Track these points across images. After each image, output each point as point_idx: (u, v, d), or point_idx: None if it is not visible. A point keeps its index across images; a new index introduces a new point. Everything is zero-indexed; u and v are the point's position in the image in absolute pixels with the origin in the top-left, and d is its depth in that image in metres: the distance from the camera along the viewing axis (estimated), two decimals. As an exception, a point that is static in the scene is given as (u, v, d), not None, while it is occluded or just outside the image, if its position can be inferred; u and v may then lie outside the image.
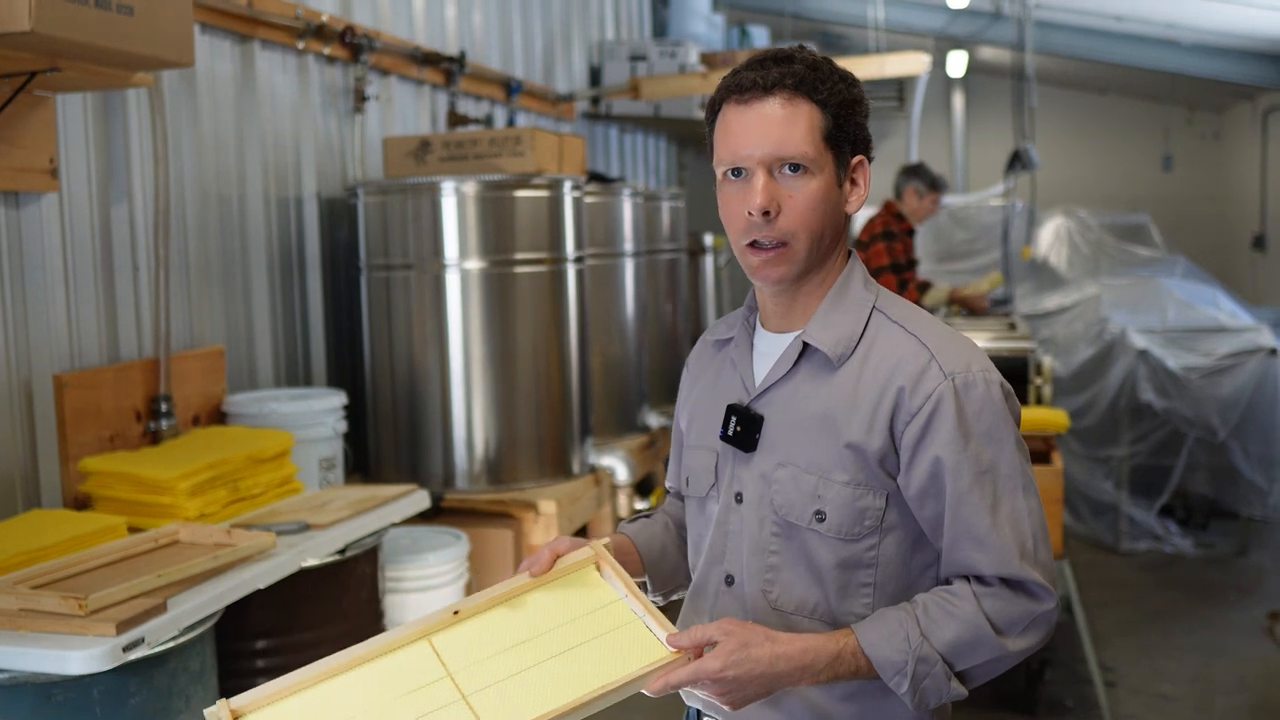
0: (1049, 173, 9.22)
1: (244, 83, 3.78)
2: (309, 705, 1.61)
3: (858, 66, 7.60)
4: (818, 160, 1.64)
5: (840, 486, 1.63)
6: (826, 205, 1.66)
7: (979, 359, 1.65)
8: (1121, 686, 4.73)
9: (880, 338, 1.66)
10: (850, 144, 1.68)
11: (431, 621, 1.70)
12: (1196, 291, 7.72)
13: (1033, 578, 1.59)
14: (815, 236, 1.65)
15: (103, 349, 3.17)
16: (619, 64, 6.91)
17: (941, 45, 10.21)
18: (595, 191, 4.72)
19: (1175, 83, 10.07)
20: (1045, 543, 1.63)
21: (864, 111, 1.70)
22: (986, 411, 1.61)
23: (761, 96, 1.64)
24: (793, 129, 1.63)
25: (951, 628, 1.58)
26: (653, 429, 5.00)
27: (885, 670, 1.57)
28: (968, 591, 1.60)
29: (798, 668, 1.56)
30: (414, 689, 1.62)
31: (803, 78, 1.64)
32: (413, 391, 3.90)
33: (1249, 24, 7.95)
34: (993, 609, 1.58)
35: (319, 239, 4.14)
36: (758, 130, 1.63)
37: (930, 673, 1.57)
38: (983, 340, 5.27)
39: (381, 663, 1.67)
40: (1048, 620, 1.61)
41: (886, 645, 1.57)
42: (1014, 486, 1.62)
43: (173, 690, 2.32)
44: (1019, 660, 1.63)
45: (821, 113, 1.64)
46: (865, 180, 1.71)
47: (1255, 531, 6.69)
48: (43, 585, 2.28)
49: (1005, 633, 1.59)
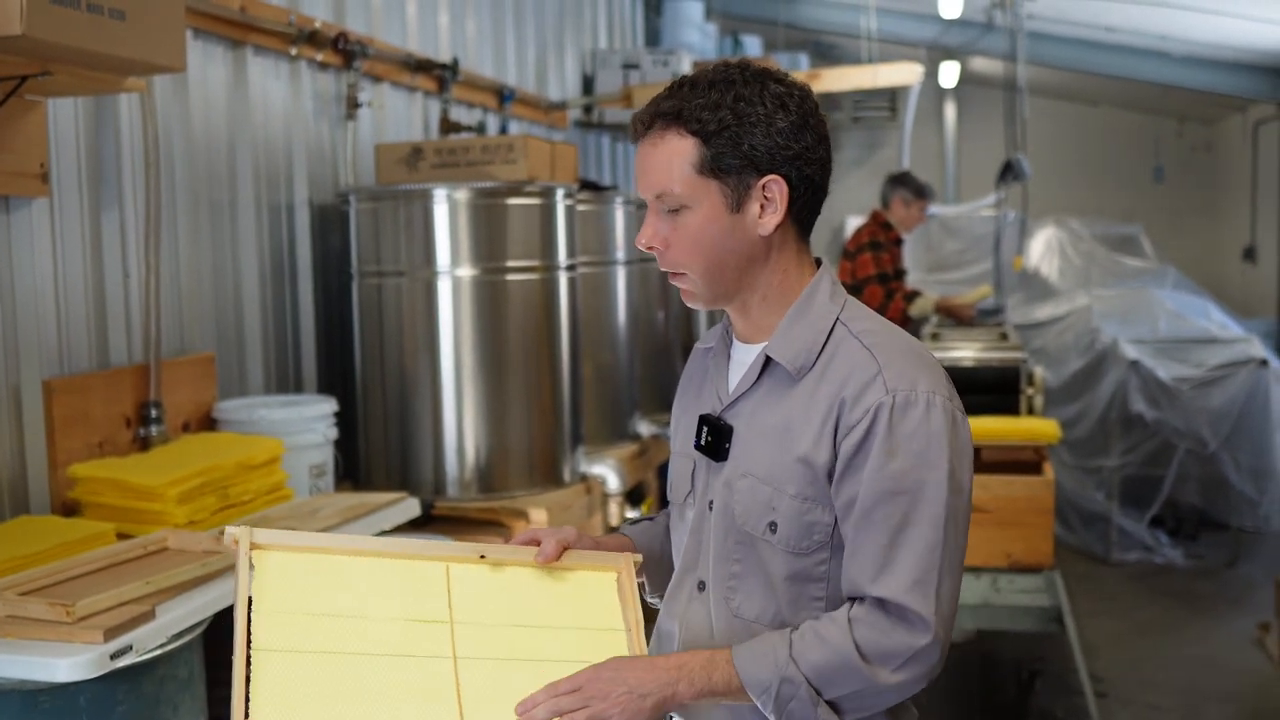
0: (1040, 183, 9.23)
1: (236, 88, 3.77)
2: (321, 571, 1.62)
3: (850, 77, 7.63)
4: (691, 195, 1.63)
5: (789, 499, 1.63)
6: (713, 236, 1.64)
7: (930, 380, 1.61)
8: (1112, 697, 4.73)
9: (839, 351, 1.65)
10: (750, 166, 1.62)
11: (457, 553, 1.72)
12: (1187, 303, 7.75)
13: (915, 608, 1.53)
14: (709, 267, 1.65)
15: (92, 354, 3.16)
16: (612, 72, 6.91)
17: (934, 55, 10.23)
18: (587, 200, 4.71)
19: (1166, 94, 10.10)
20: (949, 586, 1.57)
21: (782, 128, 1.62)
22: (920, 434, 1.56)
23: (642, 135, 1.66)
24: (659, 166, 1.64)
25: (819, 652, 1.54)
26: (644, 437, 4.99)
27: (753, 688, 1.55)
28: (843, 617, 1.56)
29: (672, 666, 1.57)
30: (415, 618, 1.62)
31: (677, 112, 1.62)
32: (404, 399, 3.89)
33: (1240, 36, 7.98)
34: (864, 638, 1.54)
35: (310, 245, 4.13)
36: (640, 169, 1.67)
37: (795, 695, 1.54)
38: (974, 350, 5.28)
39: (399, 565, 1.67)
40: (928, 658, 1.54)
41: (756, 664, 1.56)
42: (931, 517, 1.56)
43: (160, 698, 2.31)
44: (900, 696, 1.58)
45: (696, 143, 1.61)
46: (782, 197, 1.64)
47: (1245, 543, 6.71)
48: (30, 592, 2.27)
49: (875, 663, 1.53)
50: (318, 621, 1.57)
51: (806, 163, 1.65)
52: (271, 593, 1.58)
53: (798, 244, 1.72)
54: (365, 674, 1.55)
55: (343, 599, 1.60)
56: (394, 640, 1.59)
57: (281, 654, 1.53)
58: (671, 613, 1.80)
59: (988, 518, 4.25)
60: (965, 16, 8.61)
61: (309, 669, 1.53)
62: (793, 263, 1.71)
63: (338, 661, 1.55)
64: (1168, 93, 9.97)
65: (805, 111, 1.65)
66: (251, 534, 1.60)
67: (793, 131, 1.63)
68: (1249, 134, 10.31)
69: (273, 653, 1.52)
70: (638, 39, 8.21)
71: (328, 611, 1.59)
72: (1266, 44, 8.06)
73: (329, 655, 1.55)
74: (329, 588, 1.61)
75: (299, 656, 1.53)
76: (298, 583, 1.60)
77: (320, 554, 1.64)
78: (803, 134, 1.64)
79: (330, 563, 1.64)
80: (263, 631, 1.54)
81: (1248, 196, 10.36)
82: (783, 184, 1.64)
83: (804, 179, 1.66)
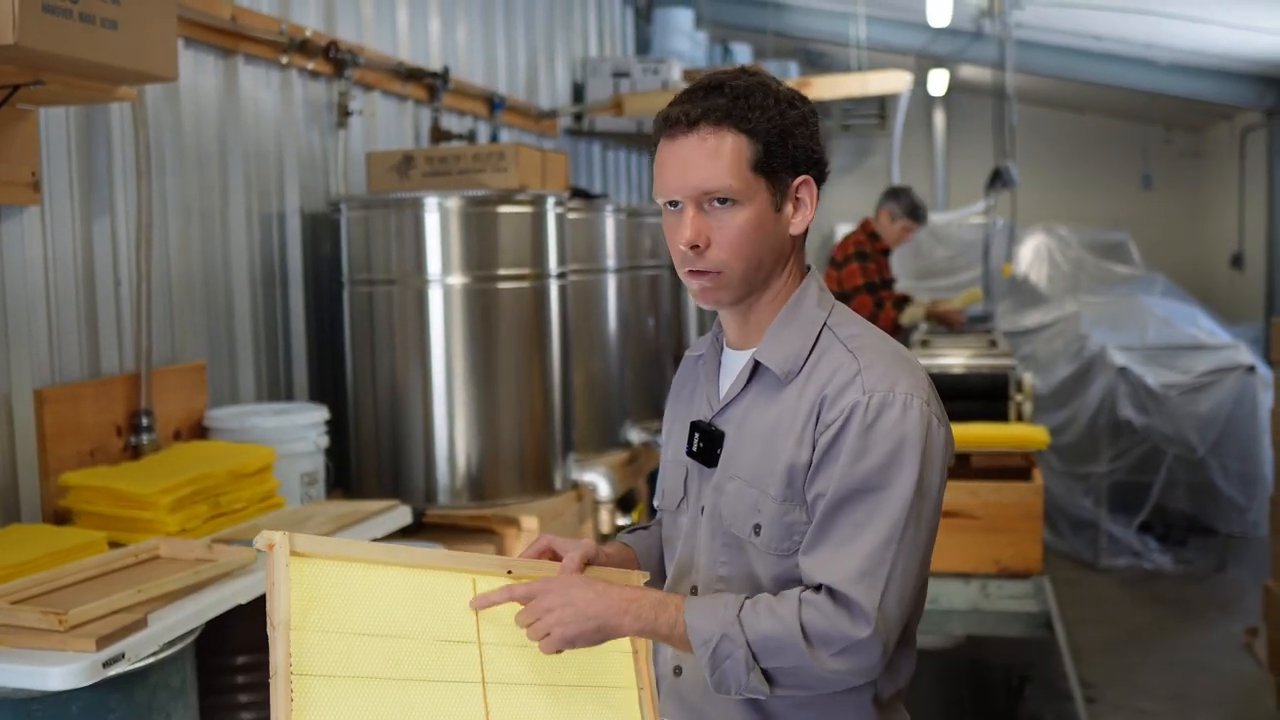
0: (1029, 190, 9.27)
1: (227, 97, 3.77)
2: (348, 583, 1.57)
3: (840, 85, 7.65)
4: (745, 191, 1.65)
5: (772, 501, 1.66)
6: (760, 233, 1.67)
7: (910, 383, 1.63)
8: (1102, 702, 4.74)
9: (825, 356, 1.68)
10: (790, 167, 1.68)
11: (484, 566, 1.71)
12: (1175, 309, 7.78)
13: (858, 600, 1.55)
14: (750, 264, 1.68)
15: (84, 363, 3.16)
16: (602, 80, 6.93)
17: (923, 64, 10.26)
18: (578, 208, 4.73)
19: (1154, 102, 10.14)
20: (899, 587, 1.57)
21: (809, 131, 1.69)
22: (894, 434, 1.59)
23: (686, 132, 1.67)
24: (716, 163, 1.65)
25: (767, 623, 1.58)
26: (635, 445, 5.00)
27: (694, 636, 1.60)
28: (795, 596, 1.59)
29: (624, 598, 1.62)
30: (445, 639, 1.61)
31: (727, 110, 1.65)
32: (395, 406, 3.89)
33: (1226, 44, 8.03)
34: (810, 619, 1.56)
35: (301, 254, 4.13)
36: (683, 166, 1.66)
37: (731, 654, 1.57)
38: (963, 357, 5.30)
39: (427, 579, 1.65)
40: (866, 652, 1.55)
41: (704, 617, 1.60)
42: (891, 515, 1.58)
43: (153, 706, 2.31)
44: (836, 685, 1.59)
45: (750, 142, 1.65)
46: (812, 198, 1.71)
47: (1234, 548, 6.73)
48: (22, 600, 2.27)
49: (816, 646, 1.56)
50: (356, 642, 1.53)
51: (824, 166, 1.73)
52: (311, 608, 1.51)
53: (803, 247, 1.77)
54: (402, 700, 1.53)
55: (379, 617, 1.56)
56: (427, 663, 1.57)
57: (321, 680, 1.48)
58: None
59: (977, 524, 4.27)
60: (954, 25, 8.64)
61: (349, 695, 1.49)
62: (799, 265, 1.77)
63: (375, 687, 1.52)
64: (1155, 100, 10.01)
65: (817, 118, 1.74)
66: (292, 540, 1.53)
67: (816, 137, 1.72)
68: (1236, 141, 10.36)
69: (312, 678, 1.48)
70: (628, 47, 8.23)
71: (365, 631, 1.54)
72: (1253, 51, 8.11)
73: (367, 680, 1.52)
74: (365, 604, 1.56)
75: (339, 682, 1.49)
76: (328, 597, 1.54)
77: (349, 564, 1.59)
78: (820, 139, 1.73)
79: (357, 574, 1.59)
80: (302, 652, 1.48)
81: (1235, 203, 10.40)
82: (813, 186, 1.71)
83: (821, 182, 1.73)
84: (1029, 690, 4.77)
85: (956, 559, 4.28)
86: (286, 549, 1.52)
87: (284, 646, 1.46)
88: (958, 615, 4.28)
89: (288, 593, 1.50)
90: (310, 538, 1.56)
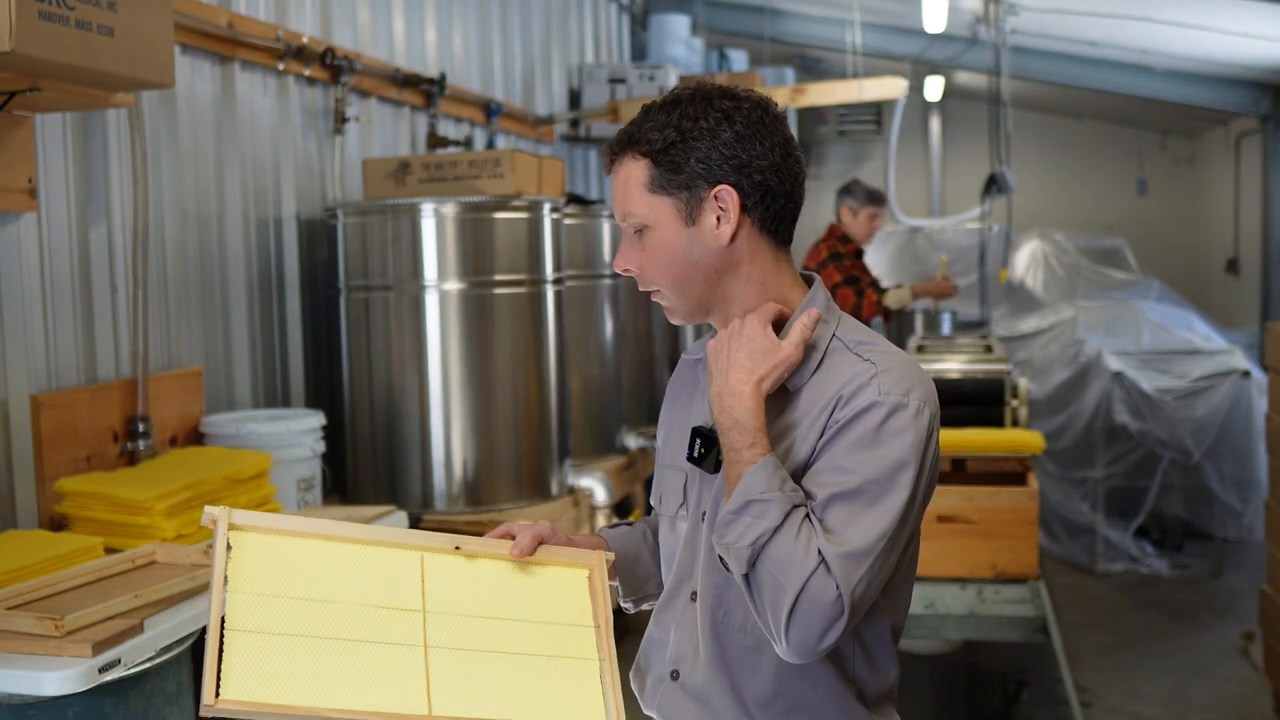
0: (1025, 196, 9.29)
1: (224, 104, 3.78)
2: (297, 555, 1.66)
3: (835, 91, 7.66)
4: (649, 214, 1.70)
5: None
6: (674, 251, 1.70)
7: (923, 392, 1.64)
8: (1098, 707, 4.75)
9: (834, 364, 1.68)
10: (700, 177, 1.66)
11: (433, 543, 1.75)
12: (1171, 314, 7.79)
13: (838, 577, 1.51)
14: (677, 281, 1.72)
15: (80, 369, 3.16)
16: (598, 87, 6.94)
17: (919, 70, 10.28)
18: (574, 213, 4.73)
19: (1149, 108, 10.17)
20: (869, 572, 1.54)
21: (726, 138, 1.65)
22: (904, 439, 1.60)
23: (610, 166, 1.75)
24: (626, 191, 1.72)
25: (790, 540, 1.53)
26: (631, 450, 5.00)
27: (740, 487, 1.57)
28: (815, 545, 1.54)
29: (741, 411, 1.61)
30: (388, 605, 1.66)
31: (629, 136, 1.71)
32: (391, 412, 3.90)
33: (1221, 51, 8.05)
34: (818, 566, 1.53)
35: (298, 260, 4.14)
36: (614, 198, 1.75)
37: (759, 518, 1.54)
38: (959, 362, 5.30)
39: (375, 554, 1.71)
40: (830, 613, 1.50)
41: (762, 480, 1.57)
42: (891, 517, 1.57)
43: (149, 712, 2.31)
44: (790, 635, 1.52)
45: (646, 164, 1.69)
46: (734, 205, 1.67)
47: (1230, 552, 6.74)
48: (18, 606, 2.27)
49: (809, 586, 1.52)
50: (291, 605, 1.60)
51: (757, 170, 1.67)
52: (247, 574, 1.61)
53: (773, 255, 1.73)
54: (335, 657, 1.58)
55: (317, 584, 1.64)
56: (366, 626, 1.62)
57: (254, 635, 1.56)
58: (663, 622, 1.81)
59: (973, 529, 4.27)
60: (949, 31, 8.66)
61: (280, 650, 1.56)
62: (770, 274, 1.73)
63: (309, 645, 1.58)
64: (1150, 106, 10.04)
65: (754, 121, 1.67)
66: (230, 514, 1.64)
67: (739, 141, 1.66)
68: (1231, 147, 10.38)
69: (245, 633, 1.56)
70: (624, 54, 8.24)
71: (301, 595, 1.62)
72: (1248, 58, 8.13)
73: (301, 638, 1.58)
74: (304, 572, 1.64)
75: (271, 638, 1.57)
76: (273, 566, 1.63)
77: (295, 538, 1.67)
78: (751, 143, 1.66)
79: (307, 547, 1.67)
80: (237, 611, 1.57)
81: (1230, 209, 10.43)
82: (733, 192, 1.67)
83: (758, 185, 1.67)
84: (1025, 695, 4.78)
85: (952, 564, 4.28)
86: (225, 522, 1.63)
87: (218, 604, 1.56)
88: (954, 620, 4.28)
89: (224, 558, 1.61)
90: (251, 513, 1.67)
